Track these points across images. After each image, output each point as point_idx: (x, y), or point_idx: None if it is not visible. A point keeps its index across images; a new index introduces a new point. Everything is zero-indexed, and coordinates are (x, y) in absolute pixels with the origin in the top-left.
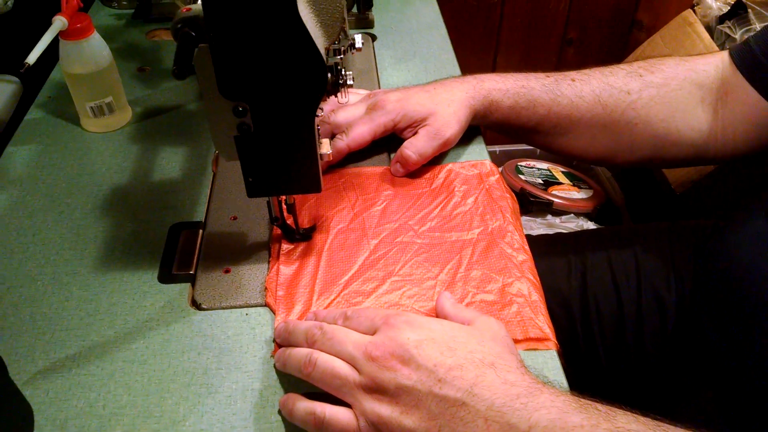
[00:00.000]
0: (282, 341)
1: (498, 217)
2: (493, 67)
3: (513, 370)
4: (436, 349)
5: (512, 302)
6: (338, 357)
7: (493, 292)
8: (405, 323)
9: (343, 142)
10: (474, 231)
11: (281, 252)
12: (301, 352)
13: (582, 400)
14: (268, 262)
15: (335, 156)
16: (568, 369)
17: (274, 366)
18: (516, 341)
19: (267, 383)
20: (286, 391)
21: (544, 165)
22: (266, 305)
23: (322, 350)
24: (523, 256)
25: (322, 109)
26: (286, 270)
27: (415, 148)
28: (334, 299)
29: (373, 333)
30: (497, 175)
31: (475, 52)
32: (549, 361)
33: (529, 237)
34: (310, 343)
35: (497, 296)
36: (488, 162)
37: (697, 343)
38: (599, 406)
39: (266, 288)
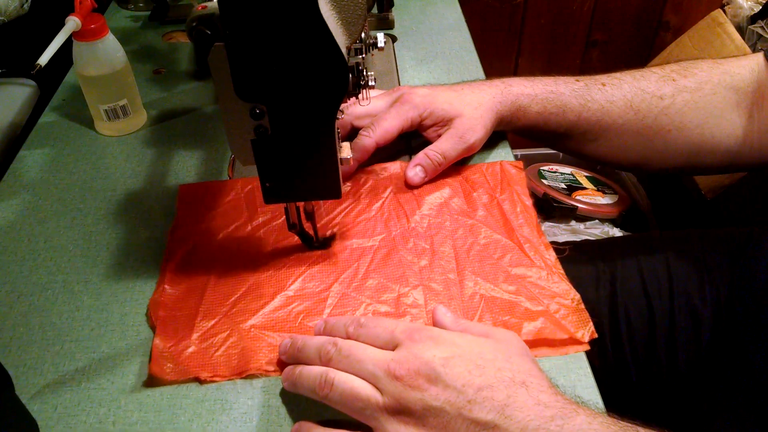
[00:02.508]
0: (289, 358)
1: (403, 222)
2: (515, 69)
3: (545, 389)
4: (464, 368)
5: (406, 313)
6: (357, 376)
7: (388, 303)
8: (429, 338)
9: (371, 138)
10: (376, 238)
11: (168, 270)
12: (315, 371)
13: (621, 422)
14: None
15: (363, 155)
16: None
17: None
18: None
19: (285, 399)
20: (306, 408)
21: (567, 169)
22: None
23: (338, 369)
24: (425, 261)
25: (342, 111)
26: (171, 290)
27: (441, 150)
28: (219, 320)
29: (392, 348)
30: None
31: (496, 54)
32: (583, 379)
33: (554, 243)
34: (325, 361)
35: (392, 306)
36: (399, 163)
37: (733, 358)
38: (640, 428)
39: (148, 308)
